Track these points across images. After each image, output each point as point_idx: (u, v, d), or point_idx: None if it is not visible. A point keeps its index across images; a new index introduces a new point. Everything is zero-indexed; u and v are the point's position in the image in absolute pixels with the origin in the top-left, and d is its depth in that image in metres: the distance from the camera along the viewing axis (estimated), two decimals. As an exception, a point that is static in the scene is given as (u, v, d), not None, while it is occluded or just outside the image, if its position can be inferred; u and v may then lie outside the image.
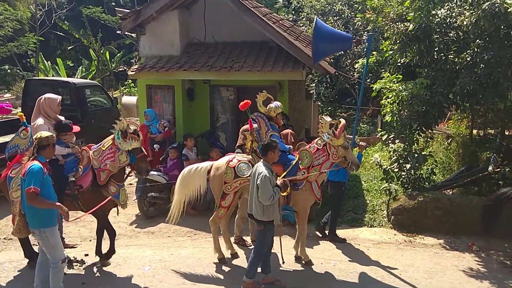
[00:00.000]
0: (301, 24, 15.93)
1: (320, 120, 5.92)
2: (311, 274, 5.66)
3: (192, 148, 7.94)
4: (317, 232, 6.87)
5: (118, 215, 5.99)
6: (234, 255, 6.06)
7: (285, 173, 5.40)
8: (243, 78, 8.11)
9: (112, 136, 5.49)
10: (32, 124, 5.60)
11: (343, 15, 14.97)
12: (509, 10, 5.97)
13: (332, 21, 15.26)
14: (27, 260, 5.75)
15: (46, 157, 4.68)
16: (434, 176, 8.28)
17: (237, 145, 7.05)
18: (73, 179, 5.42)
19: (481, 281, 5.52)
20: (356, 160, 5.74)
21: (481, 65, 6.63)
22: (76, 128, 5.78)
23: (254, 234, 6.54)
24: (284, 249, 5.72)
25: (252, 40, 8.79)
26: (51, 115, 5.73)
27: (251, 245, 6.40)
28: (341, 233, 6.88)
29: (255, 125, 5.82)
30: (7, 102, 11.18)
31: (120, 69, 24.35)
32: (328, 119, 5.80)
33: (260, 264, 5.24)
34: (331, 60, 11.58)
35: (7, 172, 5.34)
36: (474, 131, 10.06)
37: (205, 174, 5.91)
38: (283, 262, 5.62)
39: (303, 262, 5.85)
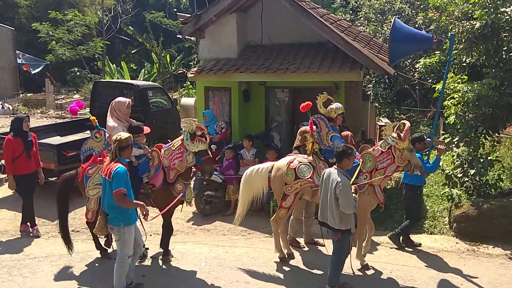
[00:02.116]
0: (359, 24, 15.62)
1: (381, 123, 5.79)
2: (373, 279, 5.55)
3: (250, 149, 8.06)
4: (391, 241, 6.59)
5: (181, 211, 6.22)
6: (290, 255, 6.06)
7: (353, 177, 5.21)
8: (299, 79, 8.11)
9: (181, 137, 5.72)
10: (107, 126, 5.98)
11: (403, 14, 14.48)
12: None
13: (391, 20, 14.83)
14: (95, 252, 6.15)
15: (126, 158, 4.98)
16: (501, 183, 7.77)
17: (294, 146, 7.06)
18: (147, 180, 5.73)
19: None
20: (419, 163, 5.53)
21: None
22: (147, 130, 6.08)
23: (308, 237, 6.53)
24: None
25: (309, 41, 8.77)
26: (122, 117, 6.10)
27: (304, 247, 6.39)
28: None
29: (315, 128, 5.79)
30: (80, 100, 11.94)
31: (180, 72, 25.18)
32: (386, 121, 5.66)
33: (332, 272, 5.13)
34: (390, 60, 11.24)
35: (84, 171, 5.80)
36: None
37: (266, 174, 5.98)
38: (353, 273, 5.44)
39: (360, 265, 5.75)
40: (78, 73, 25.67)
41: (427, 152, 6.69)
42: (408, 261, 6.06)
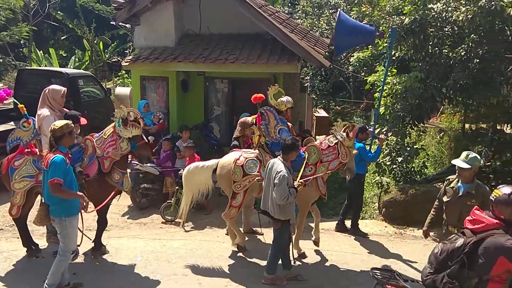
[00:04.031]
0: (297, 17, 15.89)
1: (317, 114, 5.94)
2: (311, 266, 5.73)
3: (187, 140, 7.93)
4: (339, 232, 6.82)
5: (118, 200, 5.99)
6: (242, 249, 6.01)
7: (300, 173, 5.25)
8: (238, 70, 8.09)
9: (113, 124, 5.49)
10: (37, 115, 5.59)
11: (339, 9, 14.93)
12: (508, 12, 5.99)
13: (328, 14, 15.25)
14: (21, 251, 5.74)
15: (66, 146, 4.69)
16: (425, 170, 8.35)
17: (233, 136, 7.04)
18: (80, 169, 5.41)
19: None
20: (354, 168, 5.78)
21: (475, 60, 6.67)
22: (84, 121, 5.79)
23: (246, 226, 6.58)
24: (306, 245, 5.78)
25: (247, 32, 8.77)
26: (56, 106, 5.73)
27: (262, 233, 6.37)
28: (331, 224, 6.94)
29: (263, 120, 5.76)
30: (6, 88, 11.03)
31: (114, 60, 24.15)
32: (323, 112, 5.83)
33: (281, 260, 5.25)
34: (326, 53, 11.57)
35: (9, 163, 5.38)
36: (466, 125, 10.14)
37: (210, 172, 5.88)
38: (294, 261, 5.55)
39: (297, 253, 5.88)
40: (1, 60, 23.73)
41: (369, 142, 6.96)
42: (342, 245, 6.32)
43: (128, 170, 6.80)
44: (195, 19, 8.92)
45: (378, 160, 7.74)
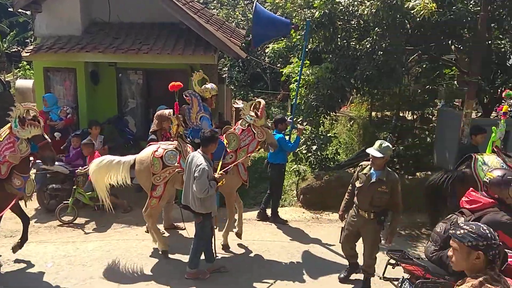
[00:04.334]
0: (212, 7, 15.75)
1: (237, 105, 5.92)
2: (234, 256, 5.76)
3: (97, 136, 7.48)
4: (261, 221, 6.90)
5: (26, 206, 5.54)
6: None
7: (220, 165, 5.18)
8: (153, 61, 7.80)
9: (9, 124, 4.97)
10: None
11: (254, 0, 15.07)
12: (405, 5, 6.46)
13: (243, 5, 15.33)
14: None
15: None
16: (338, 156, 8.82)
17: (151, 130, 6.79)
18: None
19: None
20: (275, 142, 5.89)
21: (379, 52, 7.12)
22: None
23: (167, 222, 6.43)
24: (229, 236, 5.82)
25: (162, 21, 8.47)
26: None
27: (184, 228, 6.16)
28: (253, 214, 7.06)
29: (186, 105, 5.61)
30: None
31: (14, 50, 21.99)
32: (241, 104, 5.84)
33: (204, 254, 5.20)
34: (243, 44, 11.63)
35: None
36: (373, 113, 10.87)
37: (128, 169, 5.59)
38: (215, 255, 5.44)
39: (222, 246, 5.89)
40: None
41: (289, 132, 7.10)
42: (263, 234, 6.46)
43: (34, 171, 6.29)
44: (104, 7, 8.39)
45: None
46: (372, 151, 4.50)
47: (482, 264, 2.25)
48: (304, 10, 7.79)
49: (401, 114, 10.11)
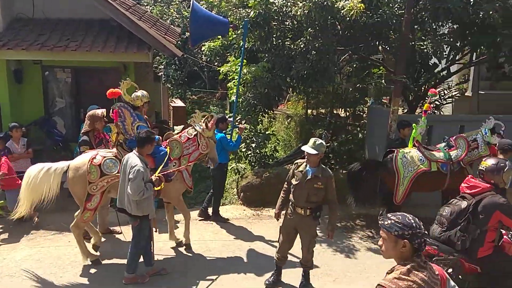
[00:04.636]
0: (145, 4, 15.32)
1: (174, 104, 5.81)
2: (189, 257, 5.69)
3: (19, 139, 6.95)
4: (201, 218, 6.91)
5: None
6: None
7: (159, 168, 5.08)
8: (82, 58, 7.45)
9: None
10: None
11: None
12: (335, 5, 6.71)
13: (178, 2, 15.09)
14: None
15: None
16: (277, 153, 9.00)
17: (82, 131, 6.45)
18: None
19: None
20: (216, 158, 5.90)
21: (313, 52, 7.34)
22: None
23: (103, 227, 6.17)
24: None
25: (91, 17, 8.10)
26: None
27: (120, 232, 5.93)
28: (194, 214, 6.99)
29: (119, 118, 5.35)
30: None
31: None
32: (179, 102, 5.76)
33: (143, 257, 5.04)
34: (179, 42, 11.45)
35: None
36: (309, 111, 11.19)
37: (60, 176, 5.23)
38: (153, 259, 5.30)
39: (184, 245, 5.87)
40: None
41: (230, 132, 7.08)
42: (204, 233, 6.43)
43: None
44: (27, 2, 7.87)
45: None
46: (307, 148, 4.63)
47: (408, 253, 2.37)
48: (239, 9, 7.83)
49: (335, 112, 10.51)
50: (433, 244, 4.08)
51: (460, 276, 4.05)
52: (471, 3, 6.70)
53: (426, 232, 2.44)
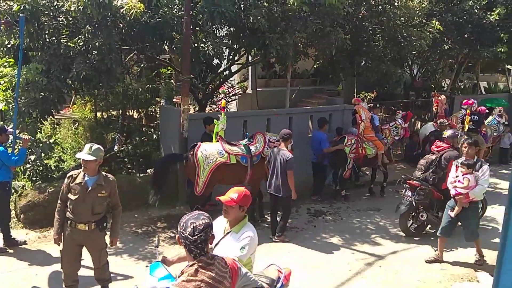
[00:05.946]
0: None
1: None
2: None
3: None
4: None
5: None
6: None
7: None
8: None
9: None
10: None
11: None
12: (113, 3, 6.36)
13: None
14: None
15: None
16: (63, 164, 8.11)
17: None
18: None
19: (119, 256, 5.91)
20: None
21: (94, 51, 6.85)
22: None
23: None
24: None
25: None
26: None
27: None
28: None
29: None
30: None
31: None
32: None
33: None
34: None
35: None
36: (99, 114, 10.52)
37: None
38: None
39: None
40: None
41: (11, 144, 6.06)
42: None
43: None
44: None
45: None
46: (83, 155, 4.20)
47: (190, 257, 2.50)
48: (6, 2, 6.68)
49: (127, 113, 10.15)
50: (417, 180, 6.52)
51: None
52: (242, 8, 7.35)
53: (198, 238, 2.45)
